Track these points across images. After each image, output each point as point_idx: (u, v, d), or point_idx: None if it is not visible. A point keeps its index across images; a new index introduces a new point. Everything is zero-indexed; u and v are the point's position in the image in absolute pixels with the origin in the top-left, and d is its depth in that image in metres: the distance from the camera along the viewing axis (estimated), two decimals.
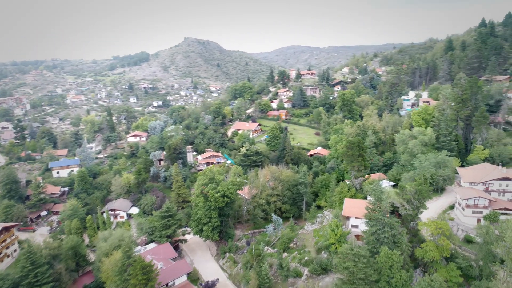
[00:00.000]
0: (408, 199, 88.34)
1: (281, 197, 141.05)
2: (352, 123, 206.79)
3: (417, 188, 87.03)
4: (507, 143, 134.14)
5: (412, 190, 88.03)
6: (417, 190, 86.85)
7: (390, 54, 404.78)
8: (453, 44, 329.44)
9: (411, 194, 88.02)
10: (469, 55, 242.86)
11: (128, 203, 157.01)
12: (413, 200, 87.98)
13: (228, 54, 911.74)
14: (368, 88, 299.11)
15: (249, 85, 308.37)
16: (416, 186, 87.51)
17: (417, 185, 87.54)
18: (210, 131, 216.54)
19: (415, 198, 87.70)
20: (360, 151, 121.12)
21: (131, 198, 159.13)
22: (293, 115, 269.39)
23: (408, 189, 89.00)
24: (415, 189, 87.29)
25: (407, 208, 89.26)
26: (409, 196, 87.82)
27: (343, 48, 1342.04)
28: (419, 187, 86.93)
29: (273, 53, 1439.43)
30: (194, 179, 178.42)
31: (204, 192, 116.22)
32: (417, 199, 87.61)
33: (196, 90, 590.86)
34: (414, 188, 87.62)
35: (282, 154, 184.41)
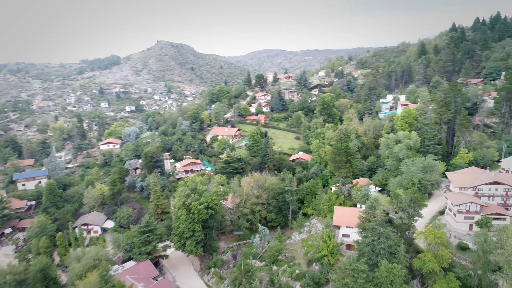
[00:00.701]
0: (404, 207, 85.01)
1: (266, 206, 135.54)
2: (334, 127, 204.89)
3: (412, 196, 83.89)
4: (489, 145, 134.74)
5: (407, 198, 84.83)
6: (412, 198, 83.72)
7: (365, 58, 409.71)
8: (426, 47, 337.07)
9: (406, 202, 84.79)
10: (443, 59, 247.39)
11: (102, 216, 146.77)
12: (408, 208, 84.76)
13: (202, 58, 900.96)
14: (346, 91, 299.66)
15: (227, 89, 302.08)
16: (411, 193, 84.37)
17: (412, 192, 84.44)
18: (188, 137, 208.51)
19: (410, 206, 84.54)
20: (348, 156, 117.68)
21: (106, 211, 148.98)
22: (272, 119, 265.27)
23: (403, 197, 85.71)
24: (410, 197, 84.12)
25: (402, 217, 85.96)
26: (405, 204, 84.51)
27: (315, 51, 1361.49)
28: (414, 194, 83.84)
29: (247, 56, 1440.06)
30: (173, 189, 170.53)
31: (187, 204, 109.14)
32: (412, 207, 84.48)
33: (170, 94, 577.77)
34: (409, 195, 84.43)
35: (264, 160, 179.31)
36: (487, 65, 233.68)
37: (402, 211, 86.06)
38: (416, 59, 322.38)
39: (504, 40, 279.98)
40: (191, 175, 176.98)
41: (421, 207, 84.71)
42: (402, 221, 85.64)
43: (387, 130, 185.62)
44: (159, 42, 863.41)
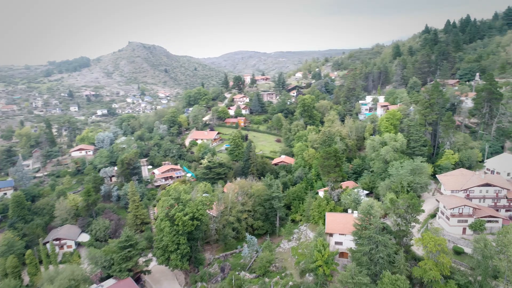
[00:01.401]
0: (401, 213, 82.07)
1: (252, 213, 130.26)
2: (316, 129, 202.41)
3: (409, 201, 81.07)
4: (473, 146, 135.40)
5: (405, 203, 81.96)
6: (410, 203, 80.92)
7: (341, 59, 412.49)
8: (400, 49, 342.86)
9: (404, 208, 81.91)
10: (419, 60, 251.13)
11: (76, 229, 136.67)
12: (405, 214, 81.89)
13: (175, 59, 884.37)
14: (324, 92, 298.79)
15: (204, 91, 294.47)
16: (408, 199, 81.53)
17: (409, 198, 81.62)
18: (167, 142, 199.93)
19: (408, 212, 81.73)
20: (337, 161, 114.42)
21: (80, 224, 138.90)
22: (251, 121, 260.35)
23: (400, 203, 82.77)
24: (407, 203, 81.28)
25: (400, 223, 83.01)
26: (402, 210, 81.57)
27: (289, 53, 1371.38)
28: (412, 200, 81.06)
29: (221, 58, 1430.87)
30: (152, 197, 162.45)
31: (170, 215, 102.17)
32: (410, 213, 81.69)
33: (143, 96, 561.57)
34: (406, 201, 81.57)
35: (247, 164, 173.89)
36: (461, 66, 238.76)
37: (399, 218, 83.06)
38: (392, 61, 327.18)
39: (475, 42, 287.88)
40: (171, 182, 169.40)
41: (419, 213, 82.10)
42: (399, 227, 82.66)
43: (369, 131, 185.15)
44: (131, 43, 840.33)
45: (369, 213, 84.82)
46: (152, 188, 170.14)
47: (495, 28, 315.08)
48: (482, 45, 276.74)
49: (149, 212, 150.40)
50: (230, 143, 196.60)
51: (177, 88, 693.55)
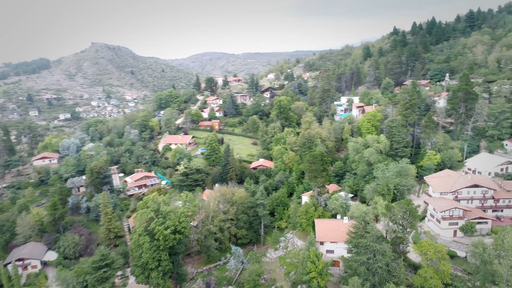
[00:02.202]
0: (398, 220, 78.99)
1: (235, 222, 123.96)
2: (294, 131, 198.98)
3: (406, 207, 78.16)
4: (453, 146, 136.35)
5: (401, 209, 78.96)
6: (407, 209, 78.01)
7: (312, 60, 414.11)
8: (370, 50, 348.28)
9: (400, 214, 78.90)
10: (391, 61, 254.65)
11: (41, 247, 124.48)
12: (402, 221, 78.92)
13: (142, 61, 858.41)
14: (297, 94, 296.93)
15: (176, 93, 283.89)
16: (405, 205, 78.60)
17: (405, 203, 78.69)
18: (139, 147, 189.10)
19: (405, 219, 78.81)
20: (324, 165, 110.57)
21: (46, 240, 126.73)
22: (226, 124, 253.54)
23: (397, 209, 79.71)
24: (404, 209, 78.32)
25: (396, 230, 79.92)
26: (399, 216, 78.51)
27: (257, 54, 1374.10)
28: (409, 205, 78.19)
29: (188, 59, 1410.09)
30: (125, 207, 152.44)
31: (150, 230, 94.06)
32: (406, 219, 78.80)
33: (109, 99, 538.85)
34: (403, 207, 78.59)
35: (225, 169, 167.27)
36: (431, 67, 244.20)
37: (395, 224, 79.98)
38: (362, 61, 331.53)
39: (442, 44, 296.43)
40: (145, 190, 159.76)
41: (417, 219, 79.43)
42: (396, 234, 79.52)
43: (347, 133, 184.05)
44: (94, 44, 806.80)
45: (364, 220, 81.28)
46: (124, 197, 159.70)
47: (458, 30, 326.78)
48: (448, 46, 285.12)
49: (122, 224, 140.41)
50: (206, 147, 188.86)
51: (145, 90, 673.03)
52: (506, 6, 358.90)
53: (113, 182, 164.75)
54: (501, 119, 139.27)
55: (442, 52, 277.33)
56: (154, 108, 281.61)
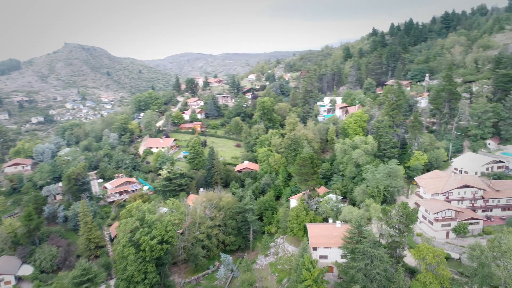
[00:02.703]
0: (395, 224, 77.16)
1: (223, 228, 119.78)
2: (278, 133, 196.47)
3: (403, 211, 76.42)
4: (439, 146, 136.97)
5: (398, 213, 77.18)
6: (404, 213, 76.28)
7: (293, 61, 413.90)
8: (351, 51, 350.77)
9: (397, 218, 77.09)
10: (372, 62, 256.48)
11: (15, 261, 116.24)
12: (399, 225, 77.14)
13: (118, 62, 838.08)
14: (279, 94, 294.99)
15: (156, 95, 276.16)
16: (401, 208, 76.85)
17: (402, 207, 76.95)
18: (118, 152, 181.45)
19: (402, 222, 77.06)
20: (315, 167, 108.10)
21: (20, 254, 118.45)
22: (208, 126, 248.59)
23: (393, 213, 77.89)
24: (401, 212, 76.55)
25: (393, 234, 78.05)
26: (396, 220, 76.68)
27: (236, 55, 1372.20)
28: (406, 209, 76.48)
29: (166, 60, 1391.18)
30: (105, 215, 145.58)
31: (134, 240, 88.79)
32: (404, 223, 77.07)
33: (85, 101, 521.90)
34: (399, 211, 76.82)
35: (210, 173, 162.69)
36: (411, 67, 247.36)
37: (392, 228, 78.12)
38: (343, 62, 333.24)
39: (420, 44, 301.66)
40: (127, 197, 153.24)
41: (413, 222, 77.86)
42: (393, 239, 77.64)
43: (332, 134, 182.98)
44: (68, 44, 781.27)
45: (360, 225, 79.13)
46: (105, 204, 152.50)
47: (434, 31, 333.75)
48: (426, 47, 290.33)
49: (103, 233, 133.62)
50: (189, 150, 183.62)
51: (122, 91, 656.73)
52: (478, 8, 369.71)
53: (92, 189, 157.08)
54: (484, 118, 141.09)
55: (420, 52, 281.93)
56: (133, 110, 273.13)
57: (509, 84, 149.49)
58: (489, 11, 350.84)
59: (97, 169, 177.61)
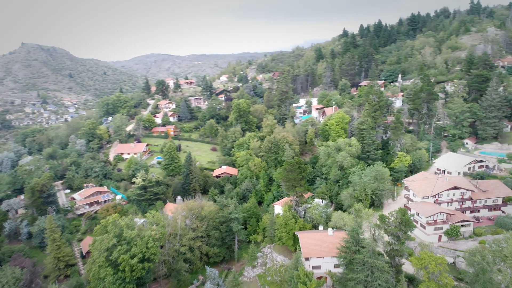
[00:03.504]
0: (394, 231, 73.89)
1: (206, 239, 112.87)
2: (256, 135, 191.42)
3: (402, 217, 73.30)
4: (420, 147, 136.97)
5: (396, 220, 73.99)
6: (403, 219, 73.17)
7: (265, 62, 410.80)
8: (322, 52, 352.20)
9: (396, 225, 73.88)
10: (345, 63, 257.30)
11: None
12: (398, 232, 73.96)
13: (81, 63, 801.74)
14: (253, 96, 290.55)
15: (125, 97, 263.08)
16: (400, 214, 73.74)
17: (401, 213, 73.85)
18: (87, 159, 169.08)
19: (401, 230, 73.92)
20: (302, 173, 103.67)
21: None
22: (182, 129, 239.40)
23: (392, 220, 74.62)
24: (399, 219, 73.41)
25: (392, 243, 74.74)
26: (396, 229, 73.41)
27: (204, 56, 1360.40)
28: (404, 216, 73.43)
29: (131, 61, 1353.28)
30: (75, 229, 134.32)
31: (112, 260, 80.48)
32: (403, 230, 73.98)
33: (46, 105, 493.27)
34: (398, 217, 73.66)
35: (187, 180, 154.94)
36: (384, 68, 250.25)
37: (390, 236, 74.84)
38: (315, 63, 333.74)
39: (390, 45, 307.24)
40: (98, 208, 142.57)
41: (412, 228, 75.01)
42: (392, 247, 74.31)
43: (311, 136, 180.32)
44: (25, 45, 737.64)
45: (357, 233, 75.25)
46: (73, 217, 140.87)
47: (402, 33, 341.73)
48: (396, 48, 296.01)
49: (73, 249, 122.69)
50: (164, 156, 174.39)
51: (86, 94, 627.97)
52: (441, 11, 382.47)
53: (59, 201, 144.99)
54: (462, 118, 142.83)
55: (390, 53, 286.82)
56: (100, 114, 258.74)
57: (483, 84, 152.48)
58: (452, 14, 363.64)
59: (64, 179, 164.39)
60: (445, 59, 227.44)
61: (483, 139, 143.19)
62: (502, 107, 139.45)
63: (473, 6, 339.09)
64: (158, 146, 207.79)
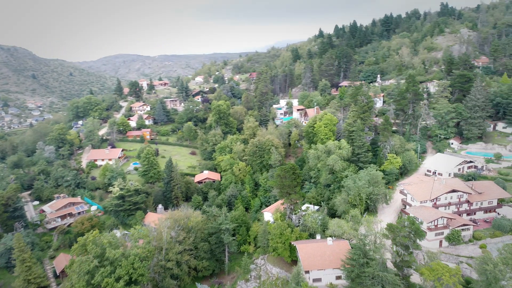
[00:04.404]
0: (404, 242, 69.73)
1: (194, 252, 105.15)
2: (239, 138, 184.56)
3: (411, 226, 69.35)
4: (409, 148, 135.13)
5: (405, 230, 69.93)
6: (413, 228, 69.24)
7: (240, 62, 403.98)
8: (299, 52, 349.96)
9: (406, 235, 69.79)
10: (324, 63, 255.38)
11: None
12: (408, 242, 69.92)
13: (45, 63, 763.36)
14: (231, 97, 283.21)
15: (96, 100, 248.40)
16: (410, 223, 69.76)
17: (410, 222, 69.90)
18: (57, 167, 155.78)
19: (410, 239, 69.97)
20: (297, 179, 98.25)
21: None
22: (158, 133, 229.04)
23: (401, 230, 70.48)
24: (410, 228, 69.41)
25: (401, 253, 70.61)
26: (406, 238, 69.26)
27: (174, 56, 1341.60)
28: (414, 224, 69.51)
29: (99, 62, 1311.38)
30: (46, 245, 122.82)
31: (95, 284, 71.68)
32: (412, 239, 70.06)
33: (7, 108, 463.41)
34: (408, 226, 69.65)
35: (168, 187, 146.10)
36: (363, 68, 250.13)
37: (400, 246, 70.69)
38: (292, 63, 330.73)
39: (365, 46, 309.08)
40: (72, 221, 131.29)
41: (422, 238, 71.22)
42: (402, 258, 70.18)
43: (295, 138, 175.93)
44: None
45: (364, 244, 70.62)
46: (44, 232, 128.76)
47: (376, 33, 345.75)
48: (372, 49, 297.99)
49: (45, 268, 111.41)
50: (141, 161, 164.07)
51: (51, 96, 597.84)
52: (412, 13, 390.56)
53: (27, 214, 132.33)
54: (447, 119, 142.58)
55: (367, 54, 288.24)
56: (69, 117, 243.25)
57: (465, 84, 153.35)
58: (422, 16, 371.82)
59: (32, 190, 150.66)
60: (422, 60, 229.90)
61: (468, 139, 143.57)
62: (486, 107, 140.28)
63: (443, 8, 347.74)
64: (134, 151, 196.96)
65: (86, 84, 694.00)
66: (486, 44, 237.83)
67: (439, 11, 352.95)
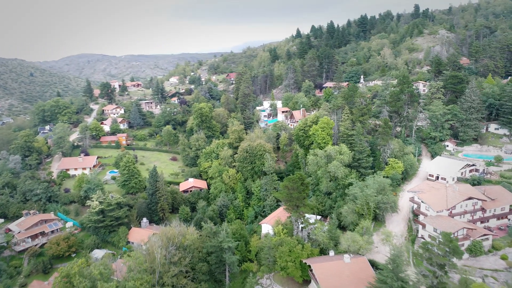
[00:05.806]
0: (442, 262, 62.88)
1: (191, 274, 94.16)
2: (225, 143, 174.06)
3: (449, 244, 62.67)
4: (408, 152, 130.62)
5: (442, 248, 63.12)
6: (451, 247, 62.58)
7: (216, 63, 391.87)
8: (277, 52, 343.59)
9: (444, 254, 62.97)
10: (307, 64, 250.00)
11: None
12: (445, 262, 63.19)
13: (2, 63, 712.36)
14: (209, 99, 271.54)
15: (64, 102, 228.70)
16: (446, 240, 63.05)
17: (446, 238, 63.20)
18: (25, 179, 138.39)
19: (447, 258, 63.27)
20: (305, 190, 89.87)
21: None
22: (135, 137, 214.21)
23: (437, 247, 63.62)
24: (447, 246, 62.67)
25: (438, 275, 63.73)
26: (444, 258, 62.41)
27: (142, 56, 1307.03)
28: (452, 242, 62.86)
29: (61, 61, 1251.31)
30: (15, 271, 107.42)
31: None
32: (449, 259, 63.39)
33: None
34: (445, 244, 62.87)
35: (153, 199, 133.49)
36: (346, 69, 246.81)
37: (435, 266, 63.84)
38: (270, 64, 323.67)
39: (344, 46, 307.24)
40: (45, 240, 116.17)
41: (461, 256, 64.75)
42: (439, 280, 63.31)
43: (284, 141, 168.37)
44: None
45: (397, 265, 63.19)
46: (12, 255, 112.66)
47: (352, 34, 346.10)
48: (350, 49, 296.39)
49: None
50: (121, 170, 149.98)
51: (10, 98, 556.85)
52: (385, 14, 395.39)
53: None
54: (443, 121, 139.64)
55: (346, 54, 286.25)
56: (34, 122, 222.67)
57: (458, 85, 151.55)
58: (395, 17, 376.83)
59: None
60: (405, 60, 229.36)
61: (463, 141, 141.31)
62: (481, 109, 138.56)
63: (417, 10, 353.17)
64: (110, 158, 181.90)
65: (49, 85, 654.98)
66: (464, 45, 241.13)
67: (412, 13, 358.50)
